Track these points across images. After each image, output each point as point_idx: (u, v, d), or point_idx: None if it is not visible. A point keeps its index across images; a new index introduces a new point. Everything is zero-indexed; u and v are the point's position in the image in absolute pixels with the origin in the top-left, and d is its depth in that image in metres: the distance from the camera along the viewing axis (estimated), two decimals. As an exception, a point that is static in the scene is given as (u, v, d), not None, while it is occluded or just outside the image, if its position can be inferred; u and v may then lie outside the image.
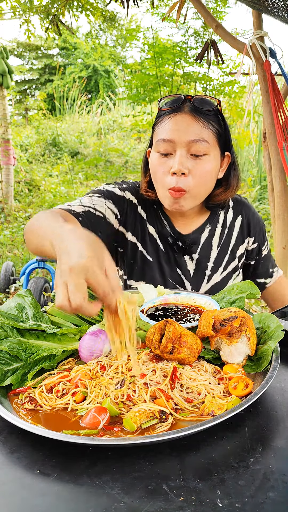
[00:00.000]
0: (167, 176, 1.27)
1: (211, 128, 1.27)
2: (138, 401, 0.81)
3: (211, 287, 1.45)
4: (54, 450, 0.73)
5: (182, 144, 1.24)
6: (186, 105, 1.27)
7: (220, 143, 1.31)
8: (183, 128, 1.24)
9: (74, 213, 1.29)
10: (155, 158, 1.30)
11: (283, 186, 2.51)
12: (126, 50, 16.20)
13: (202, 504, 0.60)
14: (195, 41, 5.45)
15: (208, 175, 1.28)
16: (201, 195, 1.32)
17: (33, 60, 16.49)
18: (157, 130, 1.31)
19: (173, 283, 1.44)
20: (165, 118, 1.29)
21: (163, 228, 1.43)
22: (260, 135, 6.87)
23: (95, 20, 3.98)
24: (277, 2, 1.81)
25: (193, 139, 1.23)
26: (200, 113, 1.26)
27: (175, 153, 1.25)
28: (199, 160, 1.26)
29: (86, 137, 11.26)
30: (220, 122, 1.31)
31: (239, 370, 0.88)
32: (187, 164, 1.24)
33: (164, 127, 1.28)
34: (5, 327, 1.02)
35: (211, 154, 1.27)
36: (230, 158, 1.37)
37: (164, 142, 1.26)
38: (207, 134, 1.26)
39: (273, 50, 2.28)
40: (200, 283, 1.44)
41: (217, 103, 1.29)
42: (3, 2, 3.51)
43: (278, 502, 0.61)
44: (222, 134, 1.32)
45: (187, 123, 1.25)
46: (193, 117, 1.25)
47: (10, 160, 7.11)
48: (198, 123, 1.25)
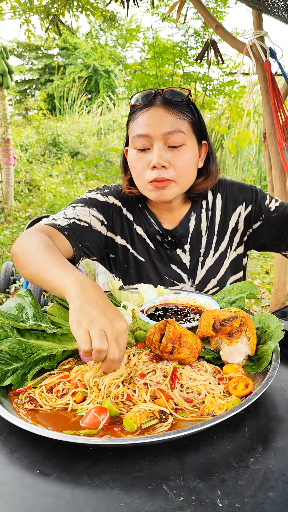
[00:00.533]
0: (146, 171, 1.27)
1: (185, 118, 1.27)
2: (138, 401, 0.81)
3: (206, 272, 1.44)
4: (54, 450, 0.73)
5: (158, 137, 1.24)
6: (157, 99, 1.27)
7: (195, 132, 1.32)
8: (157, 121, 1.25)
9: (60, 228, 1.29)
10: (133, 155, 1.30)
11: (283, 186, 2.51)
12: (126, 50, 16.20)
13: (202, 504, 0.60)
14: (195, 41, 5.45)
15: (188, 164, 1.28)
16: (186, 185, 1.32)
17: (33, 60, 16.49)
18: (131, 127, 1.31)
19: (170, 280, 1.43)
20: (138, 113, 1.29)
21: (150, 227, 1.43)
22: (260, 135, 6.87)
23: (95, 20, 3.98)
24: (277, 2, 1.81)
25: (169, 130, 1.24)
26: (172, 105, 1.26)
27: (153, 147, 1.26)
28: (178, 151, 1.26)
29: (86, 137, 11.26)
30: (193, 111, 1.32)
31: (239, 370, 0.88)
32: (166, 157, 1.25)
33: (138, 123, 1.28)
34: (5, 327, 1.02)
35: (188, 144, 1.28)
36: (207, 146, 1.38)
37: (140, 137, 1.26)
38: (182, 124, 1.26)
39: (273, 50, 2.28)
40: (195, 270, 1.44)
41: (187, 93, 1.30)
42: (3, 2, 3.51)
43: (278, 502, 0.61)
44: (197, 123, 1.32)
45: (160, 116, 1.25)
46: (166, 109, 1.26)
47: (10, 160, 7.11)
48: (171, 115, 1.25)
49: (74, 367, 0.95)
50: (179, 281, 1.44)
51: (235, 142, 7.46)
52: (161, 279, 1.43)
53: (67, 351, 1.00)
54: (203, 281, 1.44)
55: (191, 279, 1.44)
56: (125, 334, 0.84)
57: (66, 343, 1.04)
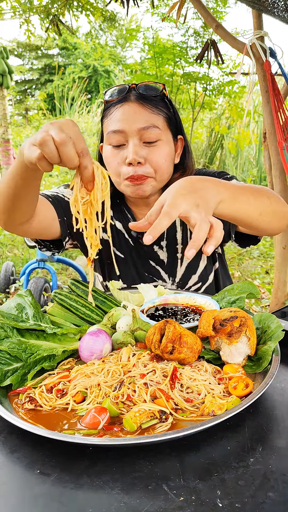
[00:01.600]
0: (122, 167, 1.25)
1: (160, 113, 1.26)
2: (138, 401, 0.81)
3: (185, 269, 1.43)
4: (54, 450, 0.73)
5: (133, 133, 1.22)
6: (131, 94, 1.25)
7: (171, 127, 1.30)
8: (131, 116, 1.23)
9: (44, 195, 1.28)
10: (108, 151, 1.28)
11: (283, 186, 2.51)
12: (126, 50, 16.22)
13: (202, 504, 0.60)
14: (195, 41, 5.45)
15: (164, 160, 1.26)
16: (163, 180, 1.30)
17: (33, 60, 16.50)
18: (106, 122, 1.29)
19: (149, 276, 1.42)
20: (112, 109, 1.27)
21: (127, 222, 1.42)
22: (260, 135, 6.87)
23: (95, 20, 3.98)
24: (277, 2, 1.81)
25: (144, 126, 1.22)
26: (146, 100, 1.24)
27: (128, 143, 1.24)
28: (153, 147, 1.24)
29: (86, 137, 11.26)
30: (168, 106, 1.30)
31: (239, 370, 0.88)
32: (142, 153, 1.23)
33: (112, 119, 1.26)
34: (5, 327, 1.02)
35: (164, 139, 1.26)
36: (183, 141, 1.36)
37: (115, 133, 1.24)
38: (157, 119, 1.25)
39: (273, 50, 2.28)
40: (175, 268, 1.43)
41: (162, 87, 1.28)
42: (3, 2, 3.51)
43: (278, 502, 0.61)
44: (172, 118, 1.31)
45: (135, 111, 1.23)
46: (140, 105, 1.24)
47: (10, 160, 7.11)
48: (146, 110, 1.24)
49: (74, 367, 0.95)
50: (158, 278, 1.43)
51: (235, 142, 7.46)
52: (140, 275, 1.42)
53: (67, 351, 1.00)
54: (183, 278, 1.43)
55: (171, 277, 1.43)
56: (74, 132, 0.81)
57: (66, 343, 1.04)
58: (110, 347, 0.99)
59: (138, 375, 0.86)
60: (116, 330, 1.07)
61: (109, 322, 1.10)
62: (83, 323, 1.14)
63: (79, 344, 0.99)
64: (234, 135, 7.85)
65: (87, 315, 1.15)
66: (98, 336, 0.97)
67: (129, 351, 0.95)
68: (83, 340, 0.98)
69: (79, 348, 0.98)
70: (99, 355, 0.96)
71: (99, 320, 1.14)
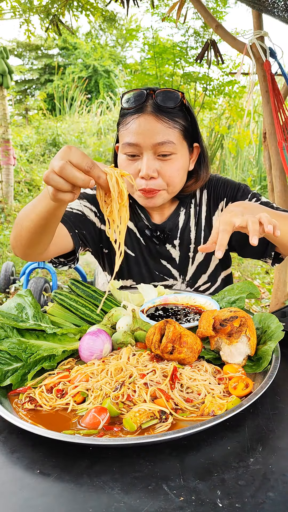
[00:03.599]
0: (136, 178, 1.27)
1: (176, 126, 1.25)
2: (138, 401, 0.81)
3: (196, 268, 1.44)
4: (54, 450, 0.73)
5: (148, 147, 1.23)
6: (148, 104, 1.24)
7: (187, 138, 1.30)
8: (147, 130, 1.22)
9: None
10: (122, 160, 1.29)
11: (283, 186, 2.51)
12: (126, 50, 16.21)
13: (202, 504, 0.60)
14: (195, 41, 5.45)
15: (177, 174, 1.28)
16: (175, 191, 1.32)
17: (33, 60, 16.49)
18: (122, 131, 1.29)
19: (160, 275, 1.43)
20: (129, 118, 1.26)
21: (139, 221, 1.43)
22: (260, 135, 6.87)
23: (95, 20, 3.98)
24: (277, 2, 1.81)
25: (159, 141, 1.22)
26: (163, 112, 1.23)
27: (142, 155, 1.24)
28: (167, 161, 1.25)
29: (86, 137, 11.26)
30: (186, 115, 1.29)
31: (239, 370, 0.88)
32: (155, 167, 1.24)
33: (128, 130, 1.25)
34: (5, 327, 1.02)
35: (178, 153, 1.26)
36: (199, 148, 1.37)
37: (130, 146, 1.24)
38: (173, 134, 1.24)
39: (273, 50, 2.28)
40: (186, 266, 1.44)
41: (181, 96, 1.26)
42: (3, 2, 3.51)
43: (278, 502, 0.61)
44: (189, 128, 1.31)
45: (150, 125, 1.22)
46: (157, 118, 1.22)
47: (10, 160, 7.11)
48: (162, 124, 1.22)
49: (74, 367, 0.95)
50: (169, 277, 1.44)
51: (235, 142, 7.46)
52: (152, 274, 1.43)
53: (67, 351, 1.00)
54: (193, 277, 1.44)
55: (182, 275, 1.44)
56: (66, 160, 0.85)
57: (66, 343, 1.04)
58: (110, 347, 0.99)
59: (138, 375, 0.86)
60: (116, 330, 1.07)
61: (109, 322, 1.10)
62: (83, 323, 1.14)
63: (79, 344, 0.99)
64: (234, 135, 7.84)
65: (87, 315, 1.15)
66: (98, 336, 0.97)
67: (129, 351, 0.95)
68: (83, 340, 0.98)
69: (79, 348, 0.98)
70: (99, 355, 0.96)
71: (99, 320, 1.14)
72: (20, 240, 1.13)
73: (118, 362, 0.90)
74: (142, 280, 1.43)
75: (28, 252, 1.15)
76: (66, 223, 1.29)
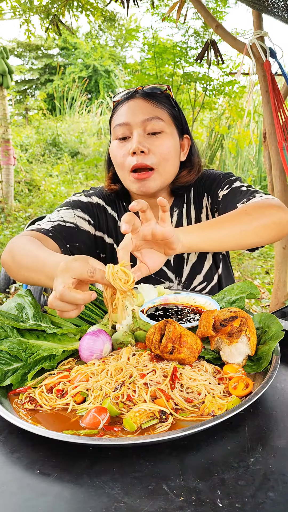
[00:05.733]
0: (127, 158, 1.28)
1: (164, 108, 1.32)
2: (138, 401, 0.81)
3: (190, 268, 1.44)
4: (54, 450, 0.73)
5: (137, 125, 1.27)
6: (137, 93, 1.32)
7: (175, 123, 1.35)
8: (136, 110, 1.29)
9: (44, 231, 1.30)
10: (114, 145, 1.33)
11: (283, 186, 2.51)
12: (126, 50, 16.21)
13: (202, 504, 0.60)
14: (195, 41, 5.45)
15: (168, 151, 1.30)
16: (167, 172, 1.32)
17: (33, 60, 16.49)
18: (113, 120, 1.35)
19: (155, 278, 1.43)
20: (119, 107, 1.33)
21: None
22: (260, 135, 6.87)
23: (95, 20, 3.98)
24: (277, 2, 1.81)
25: (147, 117, 1.27)
26: (151, 96, 1.31)
27: (132, 135, 1.28)
28: (157, 138, 1.28)
29: (86, 137, 11.26)
30: (173, 105, 1.36)
31: (239, 370, 0.88)
32: (145, 143, 1.27)
33: (118, 114, 1.32)
34: (5, 327, 1.02)
35: (168, 131, 1.30)
36: (190, 141, 1.40)
37: (120, 126, 1.29)
38: (160, 112, 1.30)
39: (273, 50, 2.28)
40: (181, 268, 1.44)
41: (166, 87, 1.35)
42: (3, 2, 3.51)
43: (278, 502, 0.61)
44: (177, 116, 1.36)
45: (139, 105, 1.29)
46: (145, 100, 1.30)
47: (10, 160, 7.10)
48: (150, 104, 1.30)
49: (74, 367, 0.95)
50: (165, 279, 1.44)
51: (235, 142, 7.46)
52: (148, 277, 1.43)
53: (67, 351, 1.00)
54: (189, 277, 1.44)
55: (178, 277, 1.44)
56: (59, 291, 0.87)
57: (66, 343, 1.04)
58: (110, 347, 0.99)
59: (138, 375, 0.86)
60: (116, 330, 1.07)
61: (109, 322, 1.10)
62: (83, 323, 1.14)
63: (79, 344, 0.99)
64: (234, 135, 7.84)
65: (87, 315, 1.15)
66: (98, 336, 0.97)
67: (129, 351, 0.95)
68: (83, 340, 0.98)
69: (79, 348, 0.98)
70: (99, 355, 0.96)
71: (99, 320, 1.14)
72: (14, 274, 1.19)
73: (118, 362, 0.90)
74: (137, 283, 1.43)
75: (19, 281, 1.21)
76: (57, 239, 1.30)
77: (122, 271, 0.92)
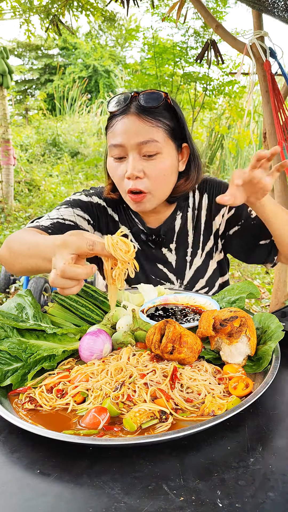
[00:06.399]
0: (124, 180, 1.26)
1: (160, 125, 1.24)
2: (138, 401, 0.81)
3: (194, 272, 1.44)
4: (54, 450, 0.73)
5: (132, 147, 1.22)
6: (132, 105, 1.24)
7: (173, 138, 1.28)
8: (130, 131, 1.22)
9: (43, 228, 1.29)
10: (110, 163, 1.30)
11: (283, 186, 2.51)
12: (126, 50, 16.21)
13: (202, 504, 0.60)
14: (195, 41, 5.45)
15: (163, 174, 1.26)
16: (162, 193, 1.30)
17: (33, 60, 16.49)
18: (108, 134, 1.30)
19: (156, 279, 1.43)
20: (114, 121, 1.27)
21: (134, 226, 1.43)
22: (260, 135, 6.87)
23: (95, 20, 3.98)
24: (277, 2, 1.81)
25: (142, 140, 1.21)
26: (146, 112, 1.23)
27: (128, 156, 1.24)
28: (152, 161, 1.24)
29: (86, 137, 11.26)
30: (172, 116, 1.28)
31: (239, 370, 0.88)
32: (140, 167, 1.23)
33: (113, 132, 1.26)
34: (5, 327, 1.02)
35: (164, 152, 1.25)
36: (189, 149, 1.35)
37: (115, 147, 1.25)
38: (156, 133, 1.23)
39: (273, 50, 2.28)
40: (183, 271, 1.44)
41: (164, 96, 1.26)
42: (3, 2, 3.51)
43: (278, 502, 0.61)
44: (175, 128, 1.29)
45: (134, 125, 1.22)
46: (140, 118, 1.22)
47: (10, 160, 7.10)
48: (145, 124, 1.22)
49: (74, 367, 0.95)
50: (166, 281, 1.43)
51: (235, 142, 7.46)
52: (148, 278, 1.43)
53: (67, 351, 1.00)
54: (191, 281, 1.44)
55: (179, 279, 1.44)
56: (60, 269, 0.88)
57: (66, 343, 1.04)
58: (110, 347, 0.99)
59: (138, 375, 0.86)
60: (116, 330, 1.07)
61: (109, 322, 1.10)
62: (83, 323, 1.14)
63: (79, 344, 0.99)
64: (234, 135, 7.84)
65: (87, 315, 1.15)
66: (98, 336, 0.97)
67: (129, 351, 0.95)
68: (83, 340, 0.98)
69: (79, 348, 0.98)
70: (99, 355, 0.96)
71: (99, 320, 1.14)
72: (11, 267, 1.20)
73: (118, 362, 0.90)
74: (138, 284, 1.43)
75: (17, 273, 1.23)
76: None
77: (122, 241, 0.93)
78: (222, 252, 1.49)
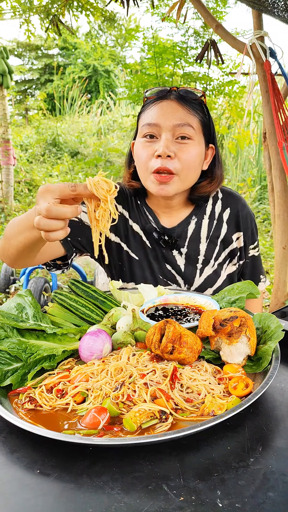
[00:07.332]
0: (151, 160, 1.27)
1: (196, 115, 1.29)
2: (138, 401, 0.81)
3: (204, 280, 1.44)
4: (54, 450, 0.73)
5: (167, 128, 1.25)
6: (171, 94, 1.30)
7: (204, 131, 1.33)
8: (168, 112, 1.26)
9: None
10: (140, 143, 1.31)
11: (283, 186, 2.51)
12: (126, 50, 16.21)
13: (202, 504, 0.60)
14: (195, 41, 5.45)
15: (193, 159, 1.28)
16: (188, 180, 1.31)
17: (33, 60, 16.48)
18: (142, 117, 1.33)
19: (164, 280, 1.43)
20: (151, 105, 1.31)
21: (147, 224, 1.42)
22: (260, 135, 6.87)
23: (95, 20, 3.98)
24: (277, 2, 1.81)
25: (178, 123, 1.25)
26: (185, 101, 1.28)
27: (160, 137, 1.27)
28: (184, 145, 1.27)
29: (86, 137, 11.26)
30: (205, 112, 1.34)
31: (239, 370, 0.88)
32: (173, 148, 1.25)
33: (149, 113, 1.29)
34: (5, 327, 1.02)
35: (196, 139, 1.28)
36: (214, 150, 1.39)
37: (149, 126, 1.27)
38: (192, 119, 1.28)
39: (273, 50, 2.28)
40: (192, 277, 1.43)
41: (201, 94, 1.32)
42: (3, 2, 3.51)
43: (278, 502, 0.61)
44: (207, 124, 1.34)
45: (172, 108, 1.27)
46: (179, 103, 1.28)
47: (10, 160, 7.10)
48: (183, 109, 1.27)
49: (74, 367, 0.95)
50: (173, 282, 1.43)
51: (235, 142, 7.46)
52: (156, 278, 1.43)
53: (67, 351, 1.00)
54: (200, 289, 1.44)
55: (187, 285, 1.43)
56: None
57: (66, 343, 1.04)
58: (110, 347, 0.99)
59: (138, 375, 0.86)
60: (116, 330, 1.07)
61: (109, 322, 1.10)
62: (83, 323, 1.14)
63: (79, 344, 0.99)
64: (234, 135, 7.84)
65: (87, 315, 1.15)
66: (98, 336, 0.97)
67: (129, 351, 0.95)
68: (83, 340, 0.98)
69: (79, 348, 0.98)
70: (99, 355, 0.96)
71: (99, 320, 1.14)
72: (7, 253, 1.20)
73: (118, 362, 0.90)
74: (145, 283, 1.43)
75: (15, 263, 1.22)
76: None
77: (103, 181, 0.93)
78: (236, 265, 1.49)
